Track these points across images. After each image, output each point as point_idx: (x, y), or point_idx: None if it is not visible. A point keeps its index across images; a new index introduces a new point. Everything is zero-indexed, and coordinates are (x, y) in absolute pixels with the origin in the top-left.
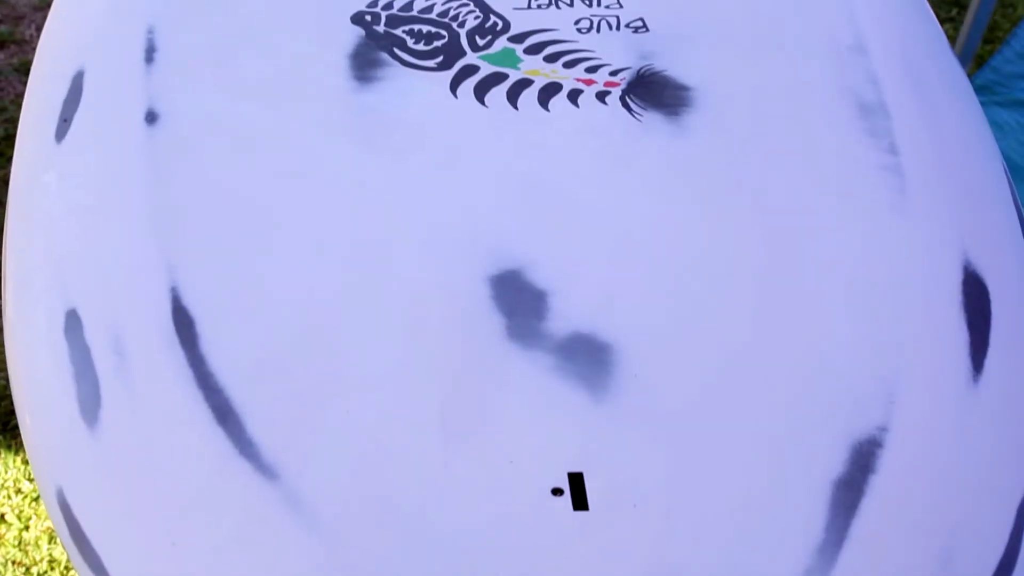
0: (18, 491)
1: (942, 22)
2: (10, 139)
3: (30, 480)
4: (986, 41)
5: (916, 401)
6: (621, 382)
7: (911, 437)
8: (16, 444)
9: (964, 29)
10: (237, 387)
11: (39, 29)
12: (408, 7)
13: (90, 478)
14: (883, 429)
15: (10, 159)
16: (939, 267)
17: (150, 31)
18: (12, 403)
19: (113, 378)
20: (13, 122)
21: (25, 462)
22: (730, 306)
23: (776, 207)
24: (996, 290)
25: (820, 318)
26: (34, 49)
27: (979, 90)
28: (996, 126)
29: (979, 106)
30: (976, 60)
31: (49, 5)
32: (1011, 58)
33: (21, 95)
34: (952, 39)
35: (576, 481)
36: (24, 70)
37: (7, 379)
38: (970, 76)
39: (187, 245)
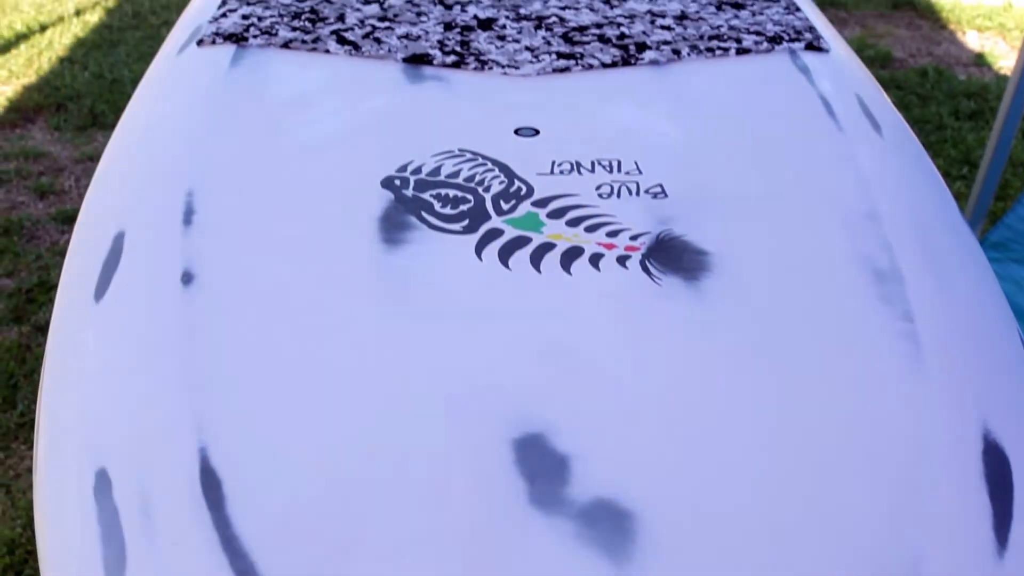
0: None
1: (953, 180)
2: (43, 285)
3: None
4: (998, 199)
5: None
6: (643, 550)
7: None
8: None
9: (976, 187)
10: (262, 551)
11: (78, 180)
12: (436, 172)
13: None
14: None
15: (42, 305)
16: (959, 437)
17: (189, 194)
18: (26, 551)
19: (140, 540)
20: (47, 269)
21: None
22: (751, 473)
23: (795, 374)
24: (1017, 459)
25: (840, 489)
26: (72, 200)
27: (995, 247)
28: (1013, 282)
29: (991, 269)
30: (989, 217)
31: (88, 158)
32: None
33: (56, 243)
34: (964, 197)
35: None
36: (61, 219)
37: (23, 527)
38: (984, 233)
39: (217, 405)
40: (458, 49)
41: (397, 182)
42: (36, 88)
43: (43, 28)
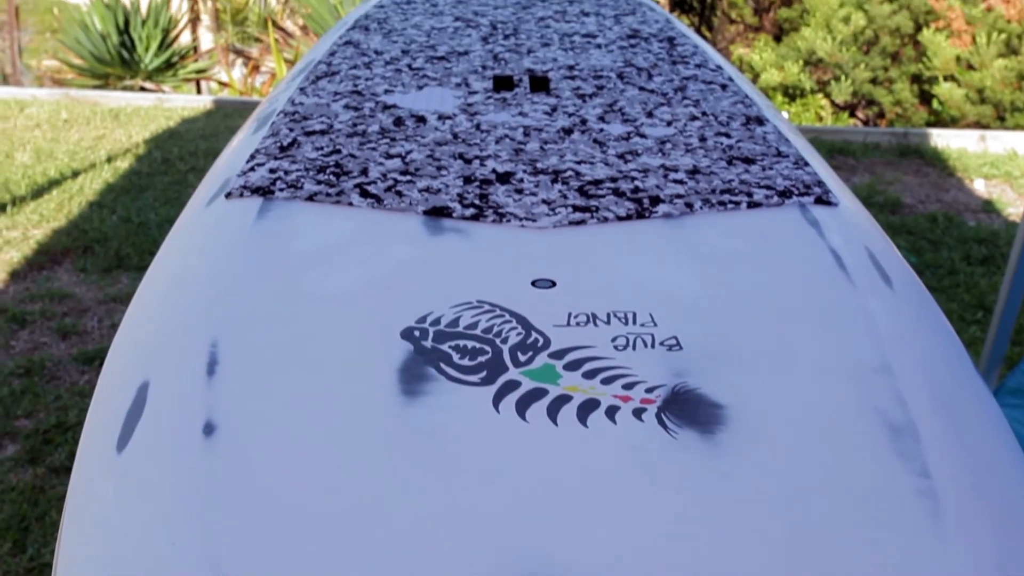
0: None
1: (968, 324)
2: (60, 426)
3: None
4: (1013, 344)
5: None
6: None
7: None
8: None
9: (991, 332)
10: None
11: (100, 321)
12: (455, 323)
13: None
14: None
15: (58, 446)
16: None
17: (213, 345)
18: None
19: None
20: (65, 410)
21: None
22: None
23: (811, 530)
24: None
25: None
26: (94, 340)
27: (1013, 393)
28: None
29: (1006, 422)
30: (1006, 362)
31: (112, 299)
32: None
33: (76, 383)
34: (980, 341)
35: None
36: (82, 360)
37: None
38: (1001, 378)
39: (235, 559)
40: (477, 202)
41: (416, 333)
42: (65, 231)
43: (75, 174)
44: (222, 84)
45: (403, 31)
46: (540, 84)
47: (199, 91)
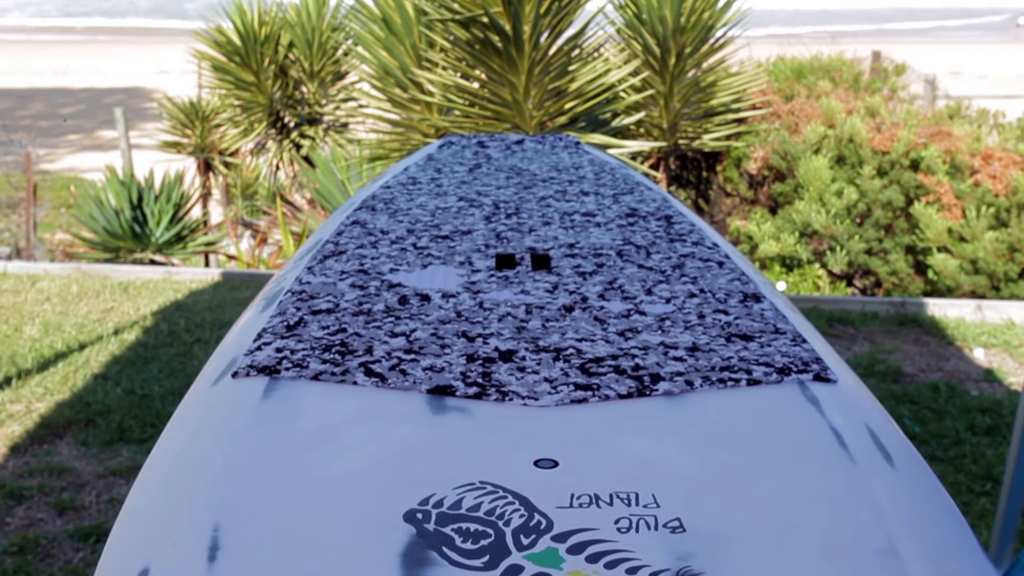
0: None
1: (977, 496)
2: None
3: None
4: None
5: None
6: None
7: None
8: None
9: (1001, 506)
10: None
11: (99, 496)
12: (457, 505)
13: None
14: None
15: None
16: None
17: (215, 529)
18: None
19: None
20: None
21: None
22: None
23: None
24: None
25: None
26: (91, 515)
27: None
28: None
29: None
30: (1019, 535)
31: (112, 473)
32: None
33: (70, 562)
34: (990, 514)
35: None
36: (78, 536)
37: None
38: (1016, 552)
39: None
40: (480, 380)
41: (419, 516)
42: (68, 404)
43: (82, 347)
44: (230, 256)
45: (408, 211)
46: (541, 262)
47: (207, 263)
